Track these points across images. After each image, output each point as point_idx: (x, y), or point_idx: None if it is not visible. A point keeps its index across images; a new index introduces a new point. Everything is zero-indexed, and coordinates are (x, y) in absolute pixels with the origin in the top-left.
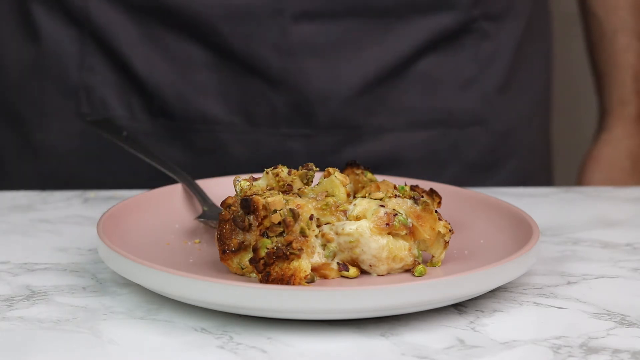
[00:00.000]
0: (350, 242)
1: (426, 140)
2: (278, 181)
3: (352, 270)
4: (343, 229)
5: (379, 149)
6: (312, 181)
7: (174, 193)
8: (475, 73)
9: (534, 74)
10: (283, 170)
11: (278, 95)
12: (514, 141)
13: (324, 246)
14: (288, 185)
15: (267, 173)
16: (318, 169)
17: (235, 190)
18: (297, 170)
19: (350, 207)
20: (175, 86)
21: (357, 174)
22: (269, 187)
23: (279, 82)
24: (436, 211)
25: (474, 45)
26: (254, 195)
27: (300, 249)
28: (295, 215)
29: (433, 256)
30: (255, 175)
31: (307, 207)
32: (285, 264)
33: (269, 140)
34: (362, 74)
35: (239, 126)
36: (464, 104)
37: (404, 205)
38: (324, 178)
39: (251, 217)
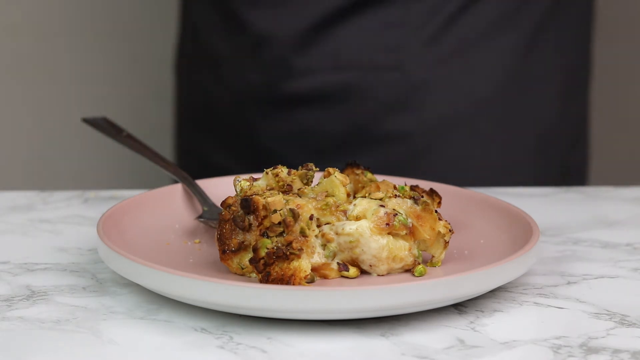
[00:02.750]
0: (350, 242)
1: (346, 80)
2: (278, 181)
3: (352, 270)
4: (343, 229)
5: (307, 86)
6: (312, 181)
7: (174, 193)
8: (402, 28)
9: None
10: (283, 171)
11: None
12: (430, 91)
13: (324, 246)
14: (288, 185)
15: (267, 173)
16: (318, 169)
17: (235, 190)
18: (297, 170)
19: (350, 207)
20: None
21: (357, 174)
22: (268, 187)
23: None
24: (436, 211)
25: (404, 5)
26: (254, 195)
27: (300, 249)
28: (295, 215)
29: (433, 256)
30: (255, 176)
31: (307, 207)
32: (285, 264)
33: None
34: (298, 22)
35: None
36: (384, 51)
37: (404, 205)
38: (324, 178)
39: (251, 217)
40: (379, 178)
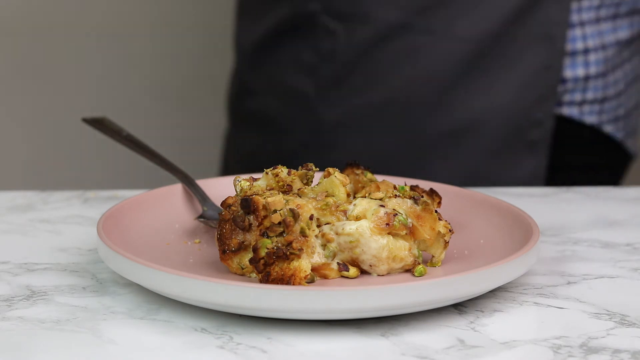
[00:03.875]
0: (351, 242)
1: (278, 104)
2: (278, 181)
3: (352, 270)
4: (343, 229)
5: (248, 107)
6: (312, 181)
7: (174, 193)
8: (314, 62)
9: (378, 79)
10: (283, 171)
11: None
12: (339, 135)
13: (324, 246)
14: (288, 185)
15: (266, 173)
16: (318, 169)
17: (235, 190)
18: (297, 170)
19: (350, 207)
20: None
21: (357, 174)
22: (268, 187)
23: None
24: (436, 211)
25: (316, 39)
26: (254, 195)
27: (300, 249)
28: (295, 215)
29: (433, 256)
30: (255, 176)
31: (307, 207)
32: (285, 264)
33: None
34: (246, 41)
35: None
36: (301, 85)
37: (404, 205)
38: (324, 178)
39: (251, 217)
40: (379, 178)
